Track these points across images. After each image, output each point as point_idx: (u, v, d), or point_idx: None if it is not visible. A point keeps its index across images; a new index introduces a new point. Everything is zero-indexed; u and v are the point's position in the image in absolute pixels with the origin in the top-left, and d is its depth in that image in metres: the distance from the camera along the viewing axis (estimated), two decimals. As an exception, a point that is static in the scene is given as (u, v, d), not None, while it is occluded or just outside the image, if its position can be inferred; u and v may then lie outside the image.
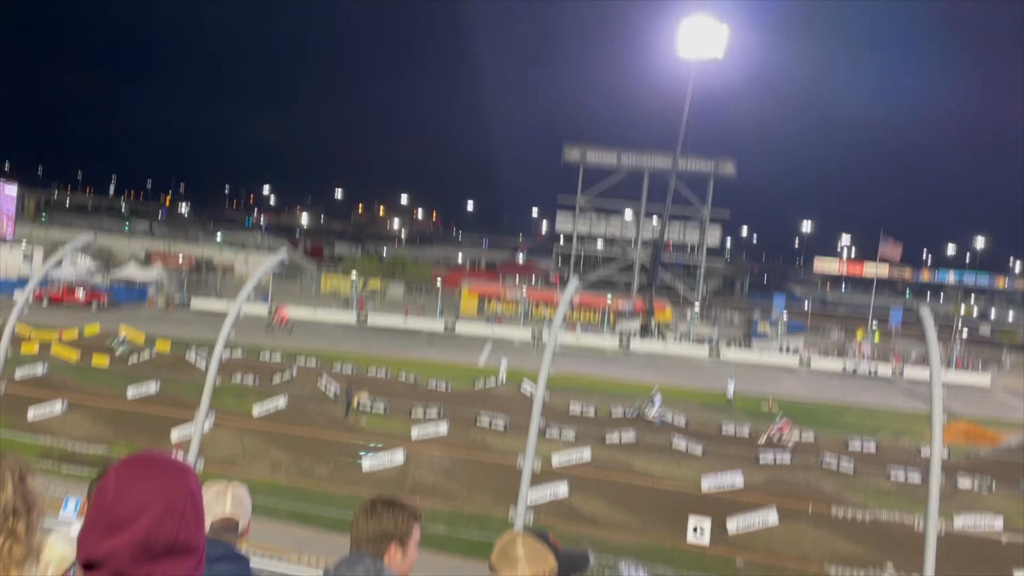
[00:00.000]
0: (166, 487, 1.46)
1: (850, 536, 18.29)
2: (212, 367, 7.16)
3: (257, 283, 7.81)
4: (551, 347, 6.36)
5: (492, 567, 2.50)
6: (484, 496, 19.38)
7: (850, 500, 21.06)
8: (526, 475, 5.81)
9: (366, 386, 29.69)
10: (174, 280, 58.23)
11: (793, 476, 23.37)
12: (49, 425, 21.59)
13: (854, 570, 16.60)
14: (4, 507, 1.65)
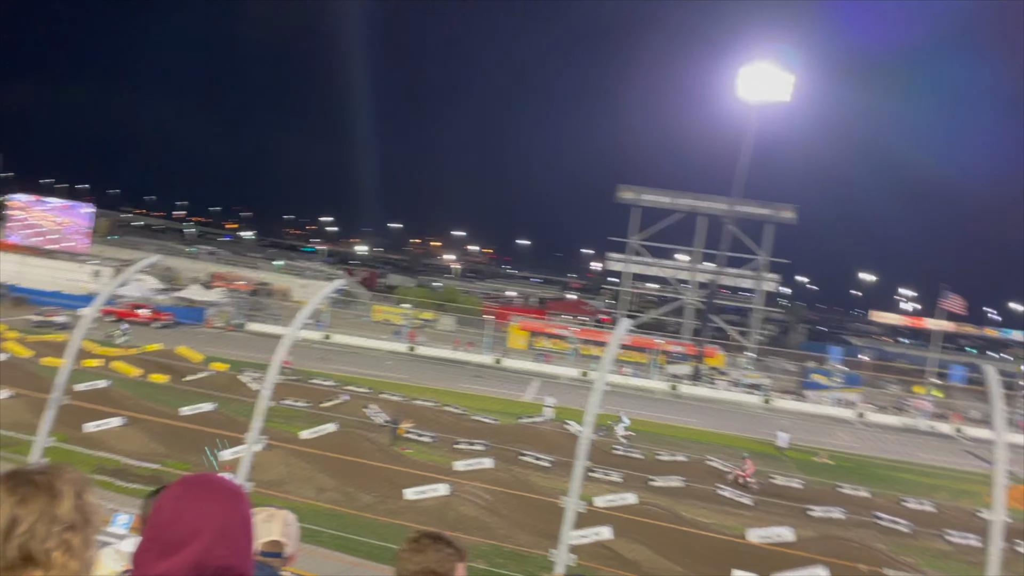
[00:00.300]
0: (222, 510, 1.50)
1: (904, 599, 17.58)
2: (265, 391, 7.30)
3: (313, 309, 7.96)
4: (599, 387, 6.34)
5: None
6: (525, 534, 19.19)
7: (904, 562, 20.28)
8: (569, 515, 5.77)
9: (413, 416, 29.82)
10: (233, 302, 59.51)
11: (845, 533, 22.62)
12: (105, 439, 22.13)
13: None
14: (62, 521, 1.68)
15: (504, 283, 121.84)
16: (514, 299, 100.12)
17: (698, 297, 74.81)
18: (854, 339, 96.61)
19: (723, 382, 55.37)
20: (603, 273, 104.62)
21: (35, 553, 1.65)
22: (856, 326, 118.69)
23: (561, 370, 52.72)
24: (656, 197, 75.32)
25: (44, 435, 7.48)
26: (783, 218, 73.61)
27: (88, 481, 1.83)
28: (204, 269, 77.54)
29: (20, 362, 30.03)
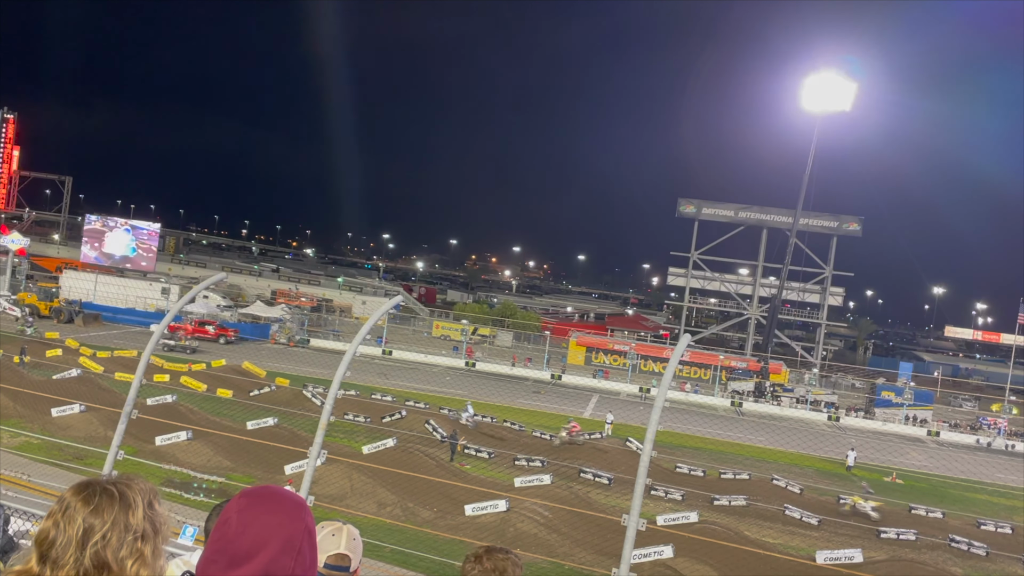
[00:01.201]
0: (286, 523, 1.51)
1: (982, 626, 16.82)
2: (327, 407, 7.38)
3: (373, 325, 8.04)
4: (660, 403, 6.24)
5: None
6: (585, 552, 18.99)
7: (982, 587, 19.44)
8: (630, 534, 5.67)
9: (471, 432, 29.90)
10: (296, 319, 60.70)
11: (918, 555, 21.80)
12: (173, 452, 22.72)
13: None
14: (135, 530, 1.72)
15: (562, 298, 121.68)
16: (573, 315, 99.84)
17: (761, 312, 73.45)
18: (925, 355, 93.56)
19: (788, 399, 54.11)
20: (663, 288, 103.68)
21: (109, 561, 1.68)
22: (928, 341, 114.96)
23: (620, 386, 52.26)
24: (717, 210, 74.37)
25: (115, 448, 7.70)
26: (848, 230, 71.87)
27: (158, 492, 1.86)
28: (267, 286, 79.39)
29: (93, 377, 31.11)
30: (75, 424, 24.64)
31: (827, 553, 20.10)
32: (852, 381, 65.55)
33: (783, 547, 21.64)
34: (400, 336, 61.16)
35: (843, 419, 49.74)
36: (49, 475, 18.56)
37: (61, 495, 1.74)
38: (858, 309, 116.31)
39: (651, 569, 17.28)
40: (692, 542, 19.54)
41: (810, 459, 34.41)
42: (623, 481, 24.45)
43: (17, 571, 1.70)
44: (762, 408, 51.21)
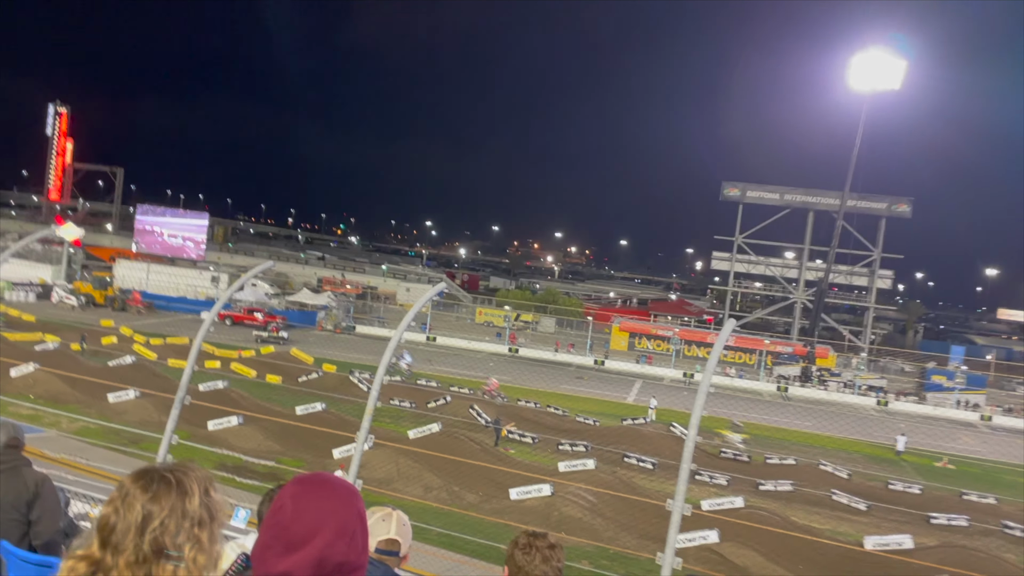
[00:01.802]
0: (339, 508, 1.56)
1: (1038, 615, 16.44)
2: (374, 392, 7.50)
3: (417, 312, 8.12)
4: (704, 388, 6.21)
5: None
6: (630, 536, 19.01)
7: (1038, 574, 18.98)
8: (675, 518, 5.68)
9: (515, 417, 30.03)
10: (341, 306, 61.47)
11: (970, 542, 21.35)
12: (225, 437, 23.23)
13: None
14: (191, 517, 1.78)
15: (605, 284, 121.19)
16: (615, 300, 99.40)
17: (807, 295, 72.29)
18: (978, 338, 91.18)
19: (835, 383, 53.25)
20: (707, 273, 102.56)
21: (167, 547, 1.75)
22: (980, 324, 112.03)
23: (664, 371, 51.98)
24: (762, 193, 73.26)
25: (170, 433, 7.92)
26: (897, 212, 70.28)
27: (213, 478, 1.92)
28: (313, 274, 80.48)
29: (147, 364, 31.93)
30: (130, 409, 25.33)
31: (876, 538, 19.80)
32: (901, 365, 64.24)
33: (831, 532, 21.39)
34: (444, 323, 61.56)
35: (892, 404, 48.83)
36: (107, 459, 19.13)
37: (120, 482, 1.81)
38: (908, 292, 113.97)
39: (696, 554, 17.22)
40: (737, 527, 19.41)
41: (858, 444, 33.88)
42: (667, 466, 24.36)
43: (80, 555, 1.78)
44: (808, 393, 50.50)
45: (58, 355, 30.95)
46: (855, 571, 16.68)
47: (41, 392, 26.51)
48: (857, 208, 69.09)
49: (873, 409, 47.63)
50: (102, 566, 1.73)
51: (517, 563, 2.80)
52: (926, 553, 19.46)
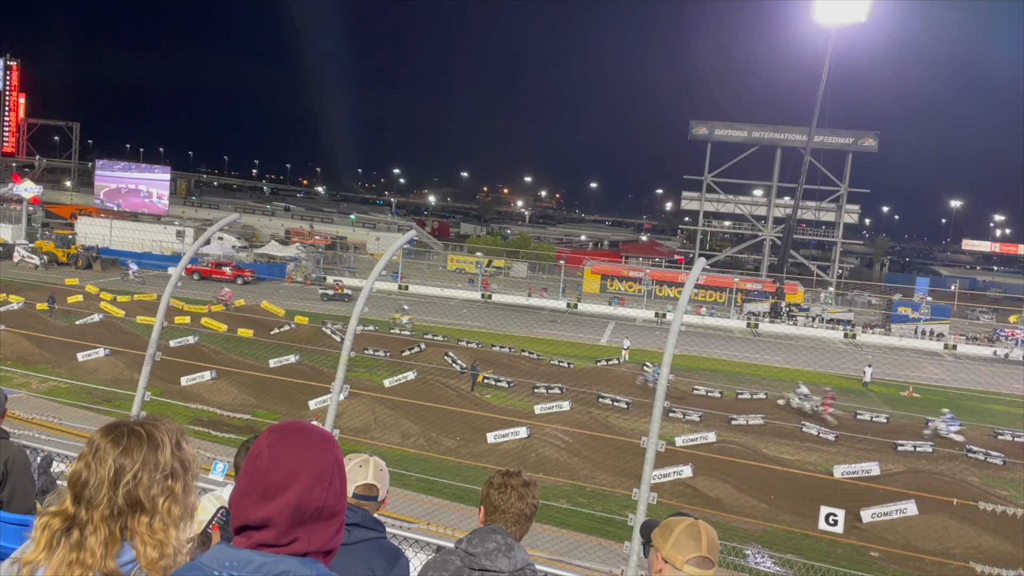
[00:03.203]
0: (316, 455, 1.55)
1: (997, 532, 17.14)
2: (347, 342, 7.46)
3: (387, 261, 8.06)
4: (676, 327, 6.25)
5: (653, 543, 2.47)
6: (606, 474, 19.40)
7: (999, 494, 19.75)
8: (650, 455, 5.76)
9: (490, 362, 30.25)
10: (311, 257, 60.96)
11: (935, 466, 22.12)
12: (199, 392, 23.18)
13: (1002, 570, 15.56)
14: (163, 469, 1.77)
15: (576, 227, 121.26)
16: (587, 243, 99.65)
17: (776, 232, 72.98)
18: (942, 269, 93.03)
19: (804, 318, 54.20)
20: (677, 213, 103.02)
21: (142, 500, 1.74)
22: (945, 255, 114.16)
23: (636, 312, 52.48)
24: (730, 131, 73.26)
25: (142, 390, 7.84)
26: (864, 146, 70.74)
27: (184, 430, 1.90)
28: (281, 226, 79.50)
29: (115, 321, 31.56)
30: (101, 368, 25.12)
31: (844, 467, 20.43)
32: (868, 298, 65.43)
33: (801, 463, 22.00)
34: (415, 271, 61.40)
35: (860, 336, 49.84)
36: (80, 418, 19.02)
37: (91, 437, 1.78)
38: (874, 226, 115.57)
39: (671, 488, 17.65)
40: (710, 461, 19.90)
41: (827, 377, 34.63)
42: (641, 405, 24.79)
43: (53, 511, 1.76)
44: (778, 328, 51.36)
45: (23, 315, 30.48)
46: (824, 498, 17.21)
47: (8, 353, 26.14)
48: (824, 144, 69.45)
49: (841, 342, 48.63)
50: (76, 521, 1.72)
51: (493, 502, 2.83)
52: (892, 479, 20.13)
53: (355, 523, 2.66)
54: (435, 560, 2.83)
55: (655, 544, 2.43)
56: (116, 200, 66.96)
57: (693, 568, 2.31)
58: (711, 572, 2.33)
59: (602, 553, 13.57)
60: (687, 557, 2.32)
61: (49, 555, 1.71)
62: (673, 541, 2.36)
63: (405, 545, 5.34)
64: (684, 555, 2.32)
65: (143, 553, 1.73)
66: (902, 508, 17.46)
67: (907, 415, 28.28)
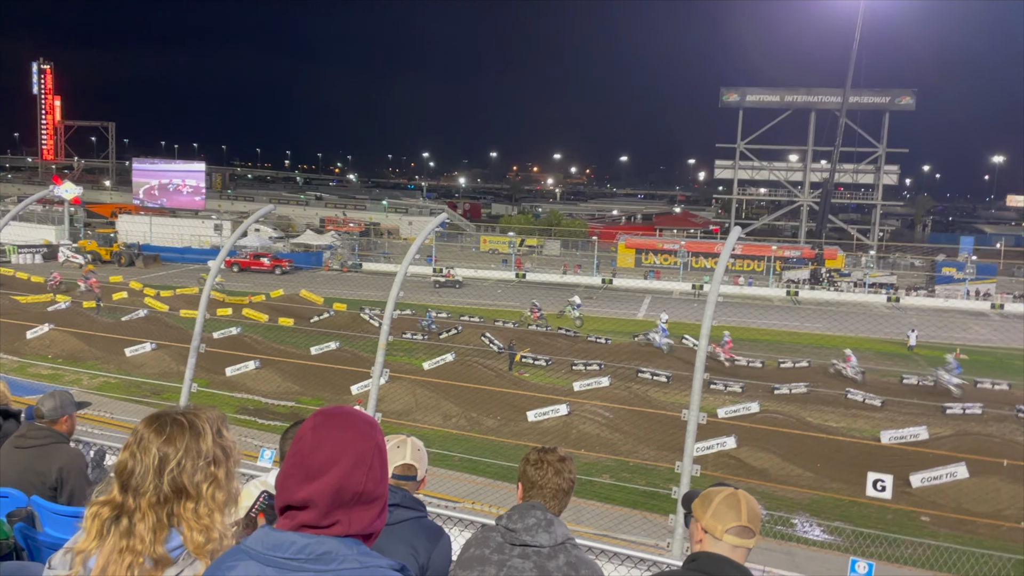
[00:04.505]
0: (357, 440, 1.58)
1: (1052, 493, 16.80)
2: (385, 326, 7.53)
3: (421, 245, 8.09)
4: (713, 298, 6.20)
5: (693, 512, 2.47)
6: (649, 448, 19.38)
7: (1052, 455, 19.32)
8: (691, 428, 5.74)
9: (527, 341, 30.31)
10: (346, 244, 61.49)
11: (985, 428, 21.72)
12: (243, 381, 23.60)
13: (1058, 530, 15.27)
14: (206, 456, 1.82)
15: (608, 202, 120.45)
16: (619, 218, 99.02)
17: (813, 198, 71.77)
18: (987, 227, 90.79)
19: (845, 284, 53.33)
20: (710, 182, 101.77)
21: (186, 486, 1.79)
22: (989, 213, 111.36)
23: (672, 285, 52.12)
24: (762, 96, 71.99)
25: (188, 381, 8.02)
26: (901, 104, 69.05)
27: (225, 418, 1.95)
28: (315, 215, 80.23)
29: (159, 316, 32.21)
30: (148, 362, 25.69)
31: (892, 432, 20.15)
32: (911, 260, 64.17)
33: (847, 430, 21.75)
34: (449, 253, 61.58)
35: (903, 300, 48.96)
36: (131, 411, 19.48)
37: (135, 428, 1.84)
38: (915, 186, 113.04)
39: (715, 460, 17.58)
40: (754, 431, 19.76)
41: (871, 342, 34.10)
42: (681, 378, 24.66)
43: (102, 501, 1.82)
44: (819, 295, 50.64)
45: (71, 314, 31.24)
46: (872, 465, 17.00)
47: (58, 352, 26.85)
48: (860, 104, 67.95)
49: (884, 306, 47.80)
50: (125, 509, 1.77)
51: (530, 479, 2.85)
52: (941, 442, 19.82)
53: (396, 503, 2.70)
54: (476, 537, 2.86)
55: (695, 514, 2.43)
56: (156, 200, 68.07)
57: (733, 537, 2.31)
58: (752, 541, 2.32)
59: (647, 527, 13.58)
60: (727, 527, 2.31)
61: (100, 543, 1.77)
62: (713, 511, 2.36)
63: (448, 524, 5.41)
64: (724, 524, 2.32)
65: (190, 538, 1.78)
66: (952, 471, 17.20)
67: (955, 377, 27.77)
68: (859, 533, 14.76)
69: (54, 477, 4.12)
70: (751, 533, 2.32)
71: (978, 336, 37.72)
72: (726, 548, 2.31)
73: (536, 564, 2.65)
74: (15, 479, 3.85)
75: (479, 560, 2.72)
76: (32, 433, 4.24)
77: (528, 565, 2.65)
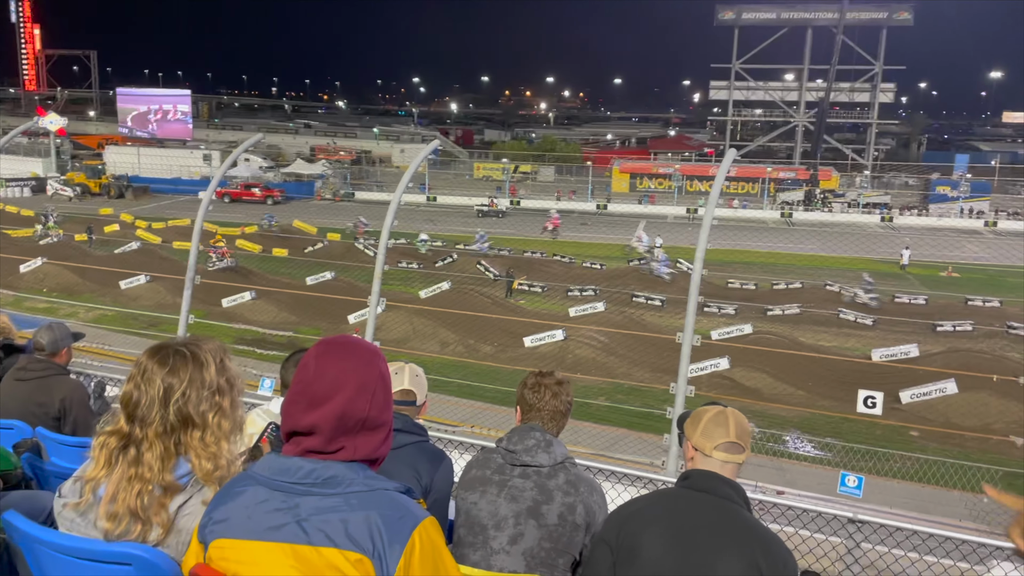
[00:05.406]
0: (360, 367, 1.61)
1: (1039, 407, 17.16)
2: (380, 255, 7.52)
3: (414, 173, 8.01)
4: (707, 221, 6.18)
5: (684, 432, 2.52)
6: (643, 371, 19.65)
7: (1041, 369, 19.65)
8: (685, 350, 5.81)
9: (522, 268, 30.38)
10: (338, 173, 60.91)
11: (975, 345, 22.02)
12: (240, 312, 23.69)
13: (1043, 442, 15.66)
14: (210, 386, 1.85)
15: (602, 126, 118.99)
16: (614, 142, 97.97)
17: (808, 117, 70.97)
18: (982, 144, 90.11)
19: (839, 204, 53.23)
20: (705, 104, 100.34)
21: (192, 416, 1.82)
22: (985, 130, 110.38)
23: (668, 209, 51.97)
24: (758, 13, 70.45)
25: (185, 313, 8.04)
26: (899, 19, 67.69)
27: (227, 349, 1.97)
28: (305, 143, 79.20)
29: (152, 248, 32.10)
30: (144, 294, 25.73)
31: (883, 350, 20.43)
32: (906, 179, 63.90)
33: (838, 349, 22.04)
34: (442, 181, 61.09)
35: (897, 219, 48.98)
36: (129, 343, 19.60)
37: (138, 359, 1.86)
38: (911, 104, 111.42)
39: (708, 380, 17.84)
40: (747, 352, 20.02)
41: (864, 262, 34.19)
42: (676, 302, 24.81)
43: (109, 431, 1.85)
44: (813, 216, 50.60)
45: (63, 247, 31.13)
46: (863, 382, 17.30)
47: (53, 285, 26.84)
48: (857, 20, 66.64)
49: (878, 226, 47.85)
50: (132, 439, 1.81)
51: (528, 402, 2.91)
52: (932, 359, 20.12)
53: (398, 428, 2.75)
54: (477, 459, 2.93)
55: (686, 433, 2.49)
56: (143, 127, 67.01)
57: (722, 453, 2.37)
58: (741, 457, 2.38)
59: (643, 446, 13.87)
60: (716, 443, 2.37)
61: (109, 472, 1.81)
62: (702, 429, 2.41)
63: (449, 448, 5.52)
64: (713, 442, 2.38)
65: (198, 466, 1.82)
66: (941, 388, 17.52)
67: (947, 295, 28.02)
68: (849, 448, 15.11)
69: (57, 408, 4.17)
70: (740, 449, 2.38)
71: (971, 254, 37.86)
72: (716, 464, 2.37)
73: (536, 483, 2.72)
74: (17, 411, 3.90)
75: (481, 481, 2.79)
76: (32, 366, 4.28)
77: (529, 484, 2.72)
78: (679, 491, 2.40)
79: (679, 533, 2.24)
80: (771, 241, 40.31)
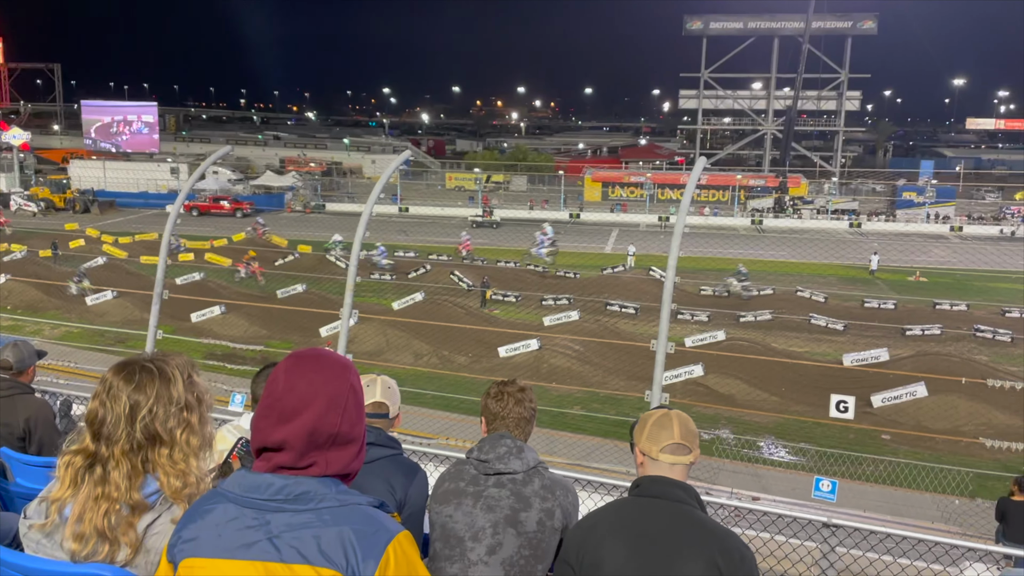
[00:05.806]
0: (330, 381, 1.57)
1: (1007, 408, 17.47)
2: (352, 267, 7.45)
3: (385, 184, 7.97)
4: (679, 229, 6.21)
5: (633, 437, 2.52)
6: (618, 379, 19.71)
7: (1007, 371, 20.00)
8: (660, 358, 5.82)
9: (496, 278, 30.36)
10: (308, 185, 60.49)
11: (944, 348, 22.36)
12: (210, 327, 23.42)
13: (1012, 443, 15.92)
14: (177, 402, 1.80)
15: (573, 136, 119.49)
16: (585, 151, 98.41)
17: (776, 126, 71.87)
18: (947, 150, 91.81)
19: (808, 211, 53.90)
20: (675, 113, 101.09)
21: (159, 433, 1.78)
22: (949, 136, 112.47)
23: (640, 218, 52.23)
24: (725, 24, 71.28)
25: (153, 328, 7.89)
26: (863, 29, 68.86)
27: (195, 364, 1.93)
28: (275, 155, 78.61)
29: (119, 263, 31.65)
30: (111, 310, 25.35)
31: (854, 355, 20.69)
32: (873, 186, 64.89)
33: (810, 354, 22.27)
34: (414, 192, 60.98)
35: (865, 225, 49.70)
36: (95, 360, 19.29)
37: (103, 376, 1.80)
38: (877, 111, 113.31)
39: (683, 388, 17.95)
40: (721, 359, 20.16)
41: (833, 267, 34.68)
42: (649, 309, 24.96)
43: (75, 449, 1.80)
44: (783, 223, 51.17)
45: (27, 263, 30.60)
46: (835, 387, 17.48)
47: (17, 302, 26.35)
48: (822, 30, 67.70)
49: (846, 232, 48.50)
50: (98, 457, 1.76)
51: (492, 411, 2.90)
52: (902, 363, 20.40)
53: (371, 442, 2.71)
54: (449, 472, 2.89)
55: (634, 439, 2.49)
56: (109, 139, 66.12)
57: (669, 456, 2.37)
58: (688, 458, 2.38)
59: (618, 455, 13.90)
60: (661, 446, 2.37)
61: (75, 491, 1.76)
62: (647, 433, 2.42)
63: (423, 460, 5.47)
64: (659, 444, 2.38)
65: (166, 483, 1.78)
66: (912, 391, 17.76)
67: (915, 299, 28.44)
68: (823, 453, 15.24)
69: (22, 428, 4.07)
70: (686, 449, 2.38)
71: (938, 258, 38.52)
72: (664, 467, 2.37)
73: (512, 491, 2.70)
74: None
75: (455, 493, 2.75)
76: None
77: (505, 493, 2.70)
78: (632, 500, 2.40)
79: (638, 541, 2.23)
80: (742, 248, 40.62)
